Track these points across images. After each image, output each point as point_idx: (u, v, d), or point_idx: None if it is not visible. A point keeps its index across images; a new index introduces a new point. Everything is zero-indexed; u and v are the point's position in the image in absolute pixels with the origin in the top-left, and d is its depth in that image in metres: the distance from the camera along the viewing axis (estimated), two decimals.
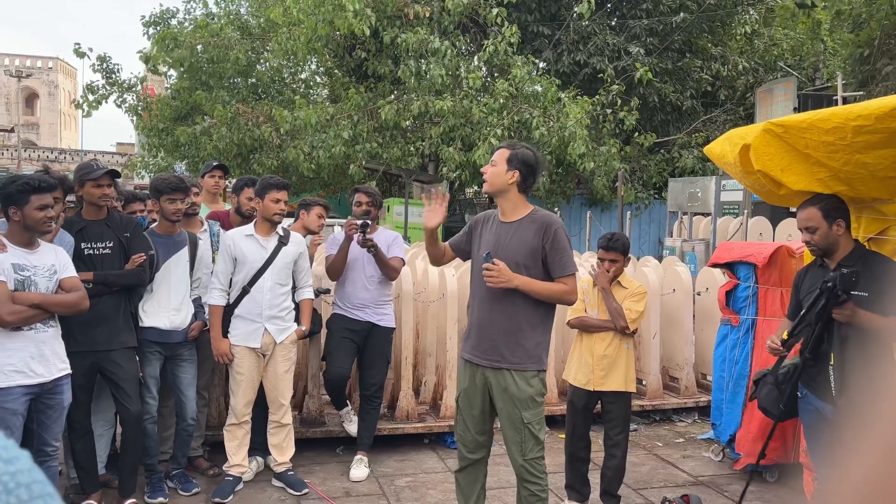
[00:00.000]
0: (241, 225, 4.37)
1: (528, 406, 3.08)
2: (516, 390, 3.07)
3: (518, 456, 3.12)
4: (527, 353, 3.08)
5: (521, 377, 3.07)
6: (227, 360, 4.04)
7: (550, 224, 3.09)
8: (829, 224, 3.00)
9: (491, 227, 3.20)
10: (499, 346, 3.08)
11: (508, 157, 3.12)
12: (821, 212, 3.01)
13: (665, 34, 14.44)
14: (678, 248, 8.84)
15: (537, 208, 3.20)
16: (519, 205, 3.15)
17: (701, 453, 4.94)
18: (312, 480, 4.28)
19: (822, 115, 2.92)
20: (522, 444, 3.10)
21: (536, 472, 3.13)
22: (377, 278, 4.48)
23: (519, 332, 3.07)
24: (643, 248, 14.11)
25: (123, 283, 3.70)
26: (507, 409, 3.10)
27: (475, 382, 3.18)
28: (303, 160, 11.74)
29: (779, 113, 11.55)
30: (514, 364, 3.07)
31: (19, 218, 3.13)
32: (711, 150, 3.75)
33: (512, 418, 3.09)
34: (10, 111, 49.98)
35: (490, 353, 3.10)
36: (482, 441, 3.27)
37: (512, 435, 3.12)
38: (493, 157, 3.19)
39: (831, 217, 3.00)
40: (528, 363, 3.08)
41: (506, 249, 3.07)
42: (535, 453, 3.12)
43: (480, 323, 3.14)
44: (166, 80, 17.22)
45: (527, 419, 3.07)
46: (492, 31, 12.47)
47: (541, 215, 3.14)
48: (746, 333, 4.54)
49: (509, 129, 11.27)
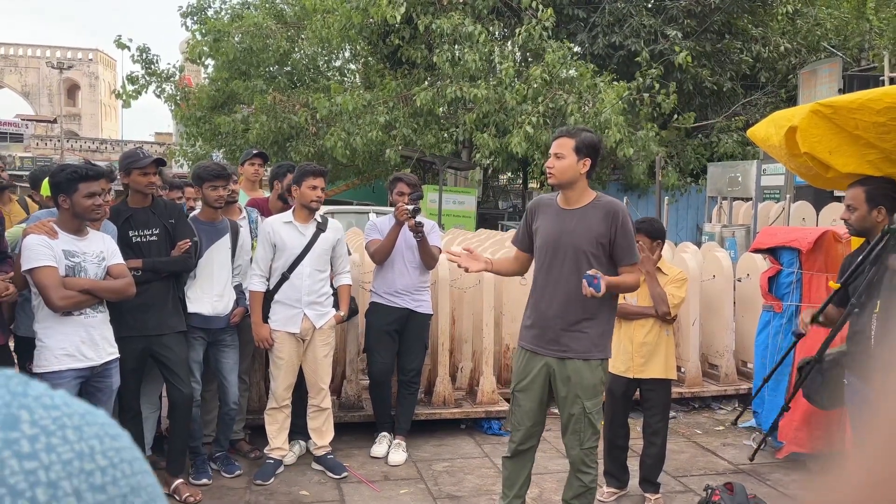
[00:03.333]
0: (281, 211, 4.42)
1: (591, 395, 3.07)
2: (580, 379, 3.05)
3: (576, 445, 3.12)
4: (592, 341, 3.06)
5: (587, 366, 3.06)
6: (267, 346, 4.10)
7: (618, 211, 3.03)
8: (870, 208, 2.91)
9: (550, 215, 3.12)
10: (563, 336, 3.06)
11: (575, 146, 3.01)
12: (865, 193, 2.93)
13: (703, 15, 14.12)
14: (717, 233, 8.69)
15: (600, 194, 3.13)
16: (585, 191, 3.09)
17: (741, 441, 4.88)
18: (351, 464, 4.33)
19: (873, 95, 2.84)
20: (581, 434, 3.10)
21: (591, 462, 3.14)
22: (415, 264, 4.50)
23: (584, 322, 3.05)
24: (681, 235, 13.90)
25: (171, 269, 3.78)
26: (570, 399, 3.08)
27: (536, 372, 3.14)
28: (339, 146, 11.80)
29: (823, 95, 11.23)
30: (579, 353, 3.05)
31: (68, 206, 3.21)
32: (755, 132, 3.67)
33: (574, 407, 3.08)
34: (53, 102, 51.22)
35: (554, 343, 3.08)
36: (537, 430, 3.26)
37: (572, 424, 3.11)
38: (555, 148, 3.05)
39: (874, 201, 2.91)
40: (595, 351, 3.07)
41: (571, 236, 3.02)
42: (592, 442, 3.12)
43: (544, 313, 3.09)
44: (204, 69, 17.44)
45: (588, 408, 3.07)
46: (527, 14, 12.35)
47: (605, 201, 3.08)
48: (790, 320, 4.46)
49: (544, 115, 11.17)
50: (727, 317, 5.65)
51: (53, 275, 3.12)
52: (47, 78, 52.55)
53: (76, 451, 0.37)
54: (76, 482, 0.37)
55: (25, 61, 54.29)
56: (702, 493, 3.76)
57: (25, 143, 39.92)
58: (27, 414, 0.37)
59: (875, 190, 2.94)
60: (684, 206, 14.29)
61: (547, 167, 3.10)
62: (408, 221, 4.24)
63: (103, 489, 0.37)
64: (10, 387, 0.38)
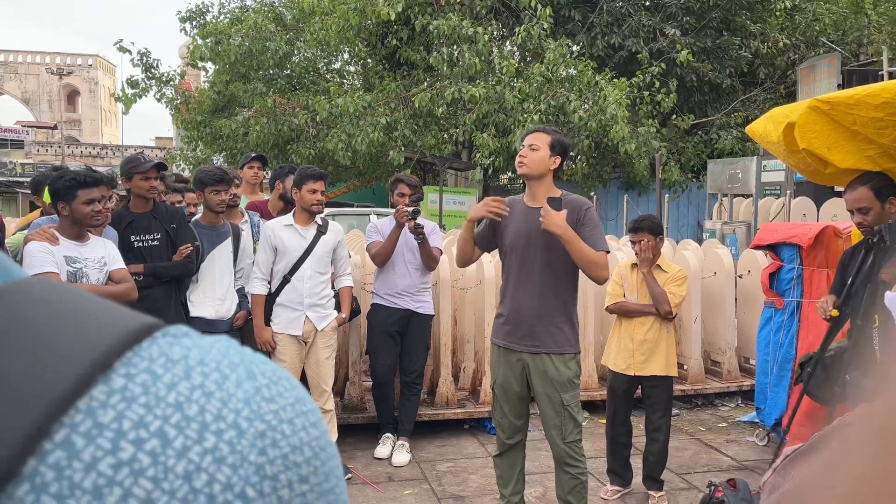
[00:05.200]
0: (283, 211, 4.44)
1: (567, 388, 3.10)
2: (556, 373, 3.09)
3: (559, 440, 3.14)
4: (564, 335, 3.10)
5: (561, 360, 3.10)
6: (269, 348, 4.11)
7: (582, 204, 3.10)
8: (883, 202, 2.91)
9: (518, 213, 3.16)
10: (537, 331, 3.10)
11: (551, 142, 3.08)
12: (872, 191, 2.92)
13: (702, 12, 14.11)
14: (718, 230, 8.69)
15: (566, 192, 3.18)
16: (551, 188, 3.14)
17: (745, 438, 4.88)
18: (355, 466, 4.34)
19: (871, 91, 2.84)
20: (563, 427, 3.12)
21: (576, 455, 3.15)
22: (416, 265, 4.52)
23: (556, 316, 3.09)
24: (682, 232, 13.90)
25: (173, 273, 3.79)
26: (546, 393, 3.11)
27: (511, 368, 3.19)
28: (340, 148, 11.80)
29: (822, 90, 11.23)
30: (552, 348, 3.09)
31: (68, 212, 3.22)
32: (754, 129, 3.67)
33: (552, 402, 3.11)
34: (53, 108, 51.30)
35: (528, 338, 3.12)
36: (520, 425, 3.29)
37: (552, 418, 3.13)
38: (531, 140, 3.11)
39: (884, 195, 2.91)
40: (567, 346, 3.11)
41: (539, 234, 3.04)
42: (575, 436, 3.14)
43: (516, 309, 3.14)
44: (204, 72, 17.47)
45: (566, 401, 3.10)
46: (525, 14, 12.35)
47: (572, 198, 3.13)
48: (791, 316, 4.46)
49: (546, 113, 11.17)
50: (729, 313, 5.65)
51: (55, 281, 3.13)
52: (47, 84, 52.62)
53: (291, 446, 0.39)
54: (290, 475, 0.38)
55: (25, 68, 54.36)
56: (705, 490, 3.77)
57: (26, 150, 39.99)
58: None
59: (879, 184, 2.94)
60: (685, 203, 14.29)
61: (519, 156, 3.12)
62: (408, 223, 4.25)
63: (307, 479, 0.39)
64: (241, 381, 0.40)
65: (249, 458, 0.36)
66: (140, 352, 0.37)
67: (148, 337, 0.38)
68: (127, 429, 0.34)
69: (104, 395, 0.35)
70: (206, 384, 0.37)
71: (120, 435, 0.34)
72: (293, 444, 0.39)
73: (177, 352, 0.38)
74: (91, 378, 0.34)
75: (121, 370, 0.36)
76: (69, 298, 0.39)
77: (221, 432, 0.36)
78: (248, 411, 0.37)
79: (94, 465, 0.33)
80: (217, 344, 0.40)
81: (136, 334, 0.37)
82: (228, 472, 0.35)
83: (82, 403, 0.34)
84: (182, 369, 0.37)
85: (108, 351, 0.36)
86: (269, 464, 0.37)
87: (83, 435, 0.33)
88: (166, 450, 0.34)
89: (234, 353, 0.40)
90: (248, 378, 0.39)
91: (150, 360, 0.37)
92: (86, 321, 0.37)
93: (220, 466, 0.35)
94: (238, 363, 0.39)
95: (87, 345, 0.36)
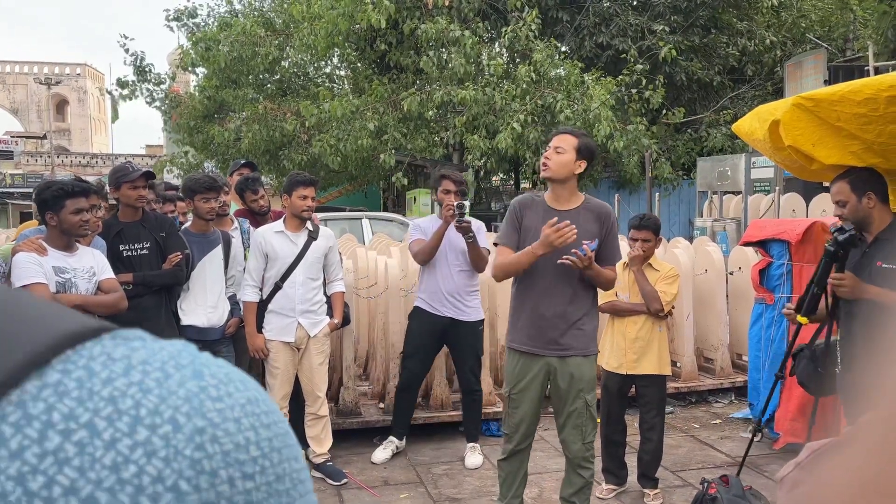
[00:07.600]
0: (246, 205, 4.60)
1: (591, 388, 3.15)
2: (582, 374, 3.11)
3: (578, 440, 3.16)
4: (588, 336, 3.14)
5: (587, 361, 3.14)
6: (262, 355, 4.10)
7: (609, 214, 3.16)
8: (859, 197, 2.94)
9: (540, 215, 3.08)
10: (563, 334, 3.09)
11: (578, 145, 3.04)
12: (849, 185, 2.95)
13: (689, 11, 14.18)
14: (709, 227, 8.73)
15: (588, 196, 3.19)
16: (575, 192, 3.15)
17: (739, 434, 4.90)
18: (351, 470, 4.34)
19: (853, 87, 2.86)
20: (584, 428, 3.15)
21: (591, 457, 3.20)
22: (460, 267, 4.31)
23: (580, 319, 3.11)
24: (673, 230, 13.94)
25: (162, 282, 3.78)
26: (572, 395, 3.12)
27: (535, 373, 3.15)
28: (329, 153, 11.80)
29: (809, 86, 11.29)
30: (580, 350, 3.12)
31: (56, 223, 3.21)
32: (740, 127, 3.69)
33: (576, 402, 3.13)
34: (42, 118, 51.06)
35: (554, 343, 3.10)
36: (533, 430, 3.30)
37: (573, 419, 3.15)
38: (556, 142, 3.05)
39: (860, 190, 2.94)
40: (592, 346, 3.16)
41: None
42: (593, 436, 3.20)
43: (543, 315, 3.09)
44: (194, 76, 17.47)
45: (589, 402, 3.14)
46: (512, 16, 12.39)
47: (595, 204, 3.16)
48: (782, 312, 4.48)
49: (533, 113, 11.19)
50: (720, 310, 5.67)
51: (44, 292, 3.12)
52: (35, 94, 52.38)
53: (234, 443, 0.39)
54: (231, 471, 0.38)
55: (13, 78, 54.12)
56: (699, 487, 3.78)
57: (16, 160, 39.77)
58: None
59: (857, 179, 2.97)
60: (676, 200, 14.34)
61: (544, 159, 3.08)
62: (454, 222, 3.98)
63: (252, 478, 0.39)
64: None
65: (185, 453, 0.37)
66: (82, 350, 0.38)
67: (94, 338, 0.39)
68: (56, 420, 0.35)
69: (36, 388, 0.36)
70: (144, 381, 0.38)
71: (47, 426, 0.35)
72: (237, 442, 0.39)
73: (120, 351, 0.39)
74: (25, 373, 0.36)
75: (57, 366, 0.37)
76: (12, 299, 0.40)
77: (156, 427, 0.36)
78: (189, 408, 0.38)
79: (19, 453, 0.34)
80: (170, 347, 0.41)
81: (78, 335, 0.38)
82: (160, 464, 0.36)
83: (14, 396, 0.35)
84: (122, 367, 0.38)
85: (46, 348, 0.37)
86: (208, 459, 0.37)
87: (11, 425, 0.34)
88: (94, 441, 0.35)
89: (185, 355, 0.41)
90: (193, 377, 0.39)
91: (89, 358, 0.38)
92: (27, 321, 0.38)
93: (150, 459, 0.36)
94: (186, 364, 0.40)
95: (26, 341, 0.37)
